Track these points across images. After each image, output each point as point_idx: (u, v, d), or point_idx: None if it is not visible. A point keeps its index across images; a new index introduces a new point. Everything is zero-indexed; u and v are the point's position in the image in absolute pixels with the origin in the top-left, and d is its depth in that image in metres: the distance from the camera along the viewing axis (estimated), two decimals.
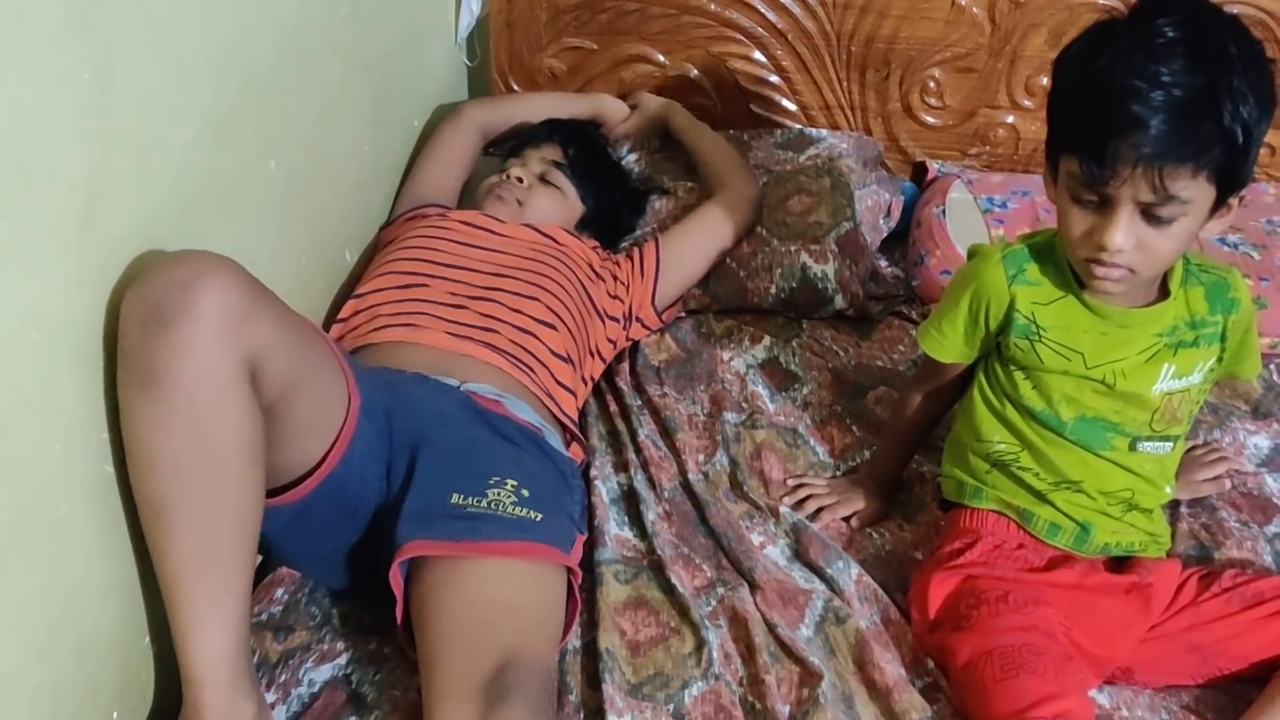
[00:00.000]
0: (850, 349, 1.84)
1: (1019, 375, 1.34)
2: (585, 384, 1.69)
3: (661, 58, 2.18)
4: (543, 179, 1.86)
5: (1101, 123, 1.14)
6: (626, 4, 2.13)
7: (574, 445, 1.58)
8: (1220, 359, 1.34)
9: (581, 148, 1.93)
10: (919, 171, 2.20)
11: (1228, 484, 1.59)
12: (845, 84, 2.16)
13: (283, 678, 1.25)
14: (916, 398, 1.49)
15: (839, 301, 1.88)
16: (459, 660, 1.16)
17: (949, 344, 1.39)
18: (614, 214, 1.95)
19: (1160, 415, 1.32)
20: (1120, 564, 1.36)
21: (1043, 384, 1.33)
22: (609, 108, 2.12)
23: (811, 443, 1.67)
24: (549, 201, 1.84)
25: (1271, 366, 1.83)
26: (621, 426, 1.67)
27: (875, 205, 2.01)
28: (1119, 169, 1.13)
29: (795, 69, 2.16)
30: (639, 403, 1.71)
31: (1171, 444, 1.35)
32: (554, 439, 1.49)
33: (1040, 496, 1.34)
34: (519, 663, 1.16)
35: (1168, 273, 1.30)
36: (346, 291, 1.70)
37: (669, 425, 1.65)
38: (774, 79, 2.17)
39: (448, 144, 1.97)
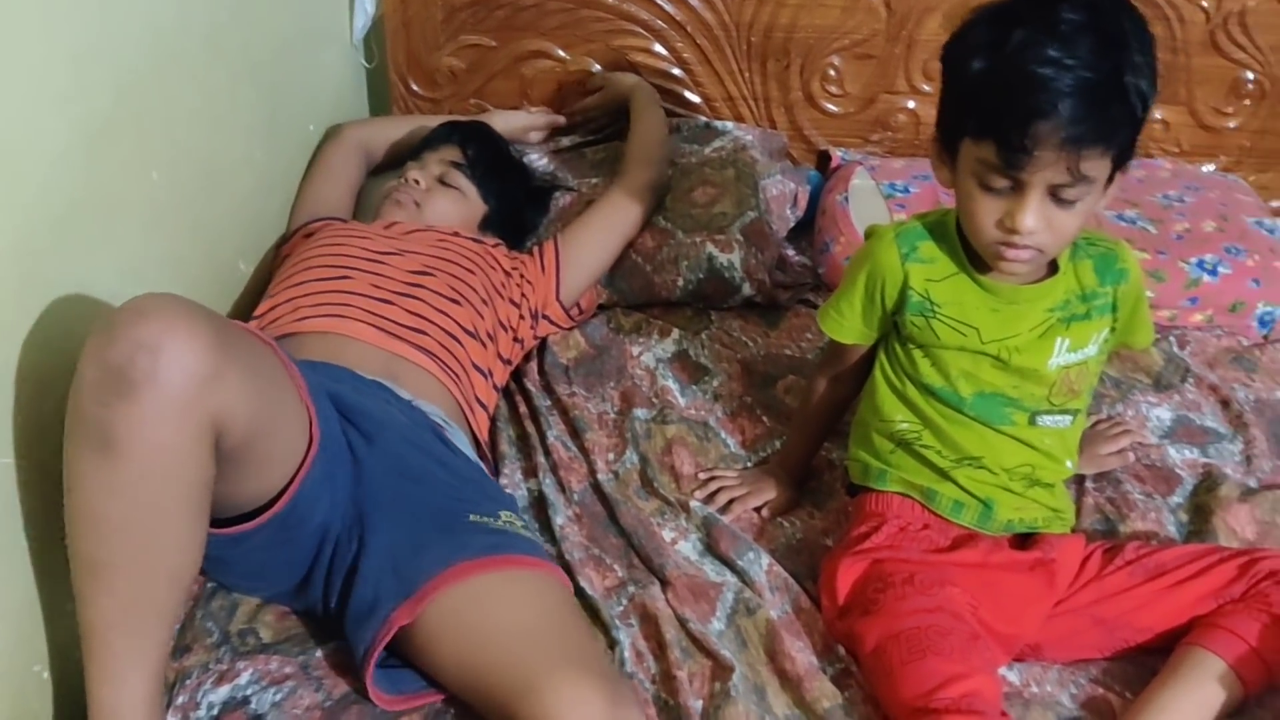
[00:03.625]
0: (759, 339, 1.84)
1: (918, 354, 1.35)
2: (496, 392, 1.67)
3: (562, 53, 2.16)
4: (441, 181, 1.83)
5: (1018, 110, 1.14)
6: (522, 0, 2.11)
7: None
8: (1113, 329, 1.36)
9: (481, 147, 1.90)
10: (824, 160, 2.21)
11: (1131, 457, 1.61)
12: (747, 75, 2.16)
13: (180, 699, 1.21)
14: (822, 384, 1.50)
15: (747, 289, 1.88)
16: (550, 647, 1.15)
17: (848, 325, 1.39)
18: (517, 213, 1.93)
19: (1058, 389, 1.33)
20: (1024, 541, 1.37)
21: (941, 361, 1.34)
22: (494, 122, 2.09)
23: (723, 435, 1.66)
24: (448, 203, 1.82)
25: (1171, 339, 1.87)
26: (531, 429, 1.65)
27: (781, 195, 2.01)
28: (1037, 154, 1.14)
29: (697, 61, 2.15)
30: (548, 403, 1.70)
31: (1071, 417, 1.37)
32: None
33: (943, 474, 1.35)
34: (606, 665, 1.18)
35: None
36: (244, 303, 1.66)
37: (578, 425, 1.64)
38: (676, 72, 2.17)
39: (333, 161, 1.94)
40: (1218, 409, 1.72)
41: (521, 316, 1.74)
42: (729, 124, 2.14)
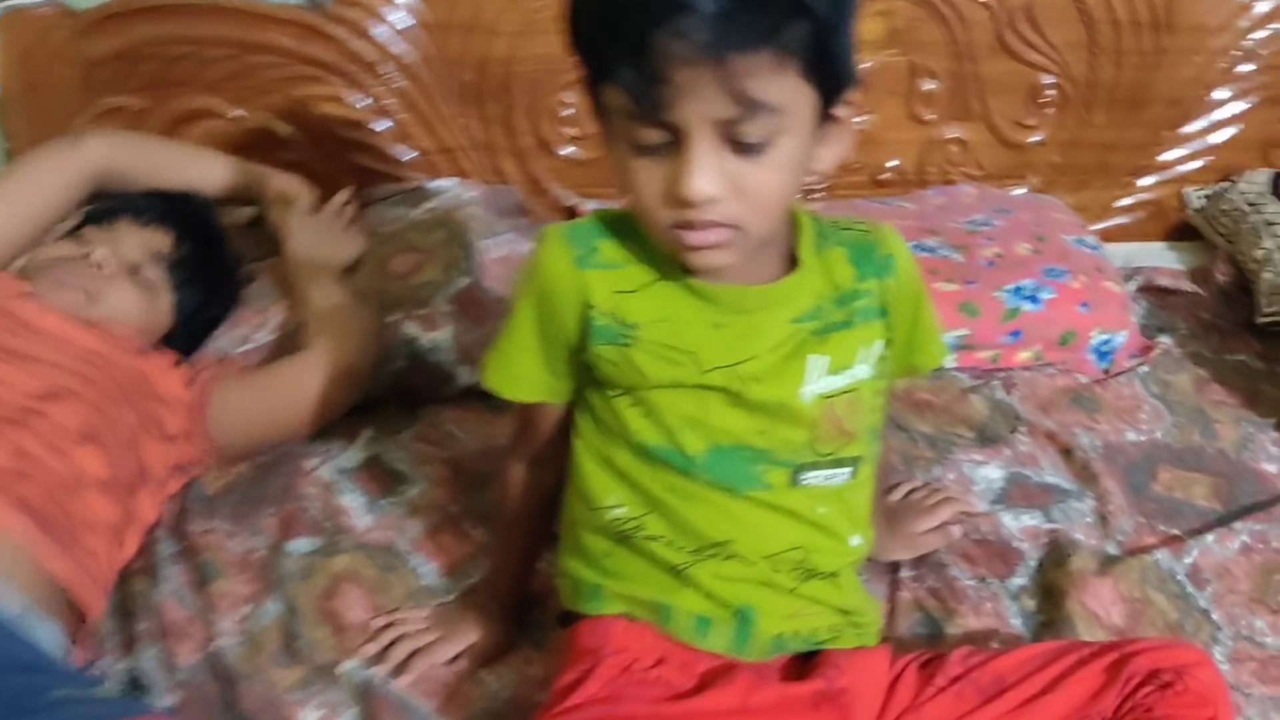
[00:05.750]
0: (477, 429, 1.40)
1: (622, 403, 0.94)
2: (122, 554, 1.21)
3: (233, 110, 1.75)
4: (134, 272, 1.38)
5: (635, 19, 0.77)
6: (174, 48, 1.70)
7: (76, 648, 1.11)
8: (889, 342, 0.97)
9: (197, 246, 1.45)
10: (573, 216, 1.83)
11: (957, 532, 1.23)
12: (462, 120, 1.78)
13: None
14: (518, 471, 1.07)
15: (464, 375, 1.45)
16: None
17: (523, 373, 0.98)
18: (206, 331, 1.49)
19: (823, 431, 0.94)
20: (803, 666, 0.95)
21: (654, 409, 0.92)
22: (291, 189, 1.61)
23: (414, 561, 1.21)
24: (131, 303, 1.35)
25: (995, 383, 1.52)
26: (142, 588, 1.18)
27: (511, 256, 1.61)
28: (675, 74, 0.77)
29: (401, 108, 1.76)
30: (173, 550, 1.23)
31: (849, 470, 0.96)
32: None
33: (679, 576, 0.93)
34: None
35: (795, 238, 0.94)
36: None
37: (206, 572, 1.18)
38: (378, 125, 1.77)
39: (40, 181, 1.42)
40: (1058, 460, 1.37)
41: (171, 461, 1.29)
42: (448, 182, 1.75)
